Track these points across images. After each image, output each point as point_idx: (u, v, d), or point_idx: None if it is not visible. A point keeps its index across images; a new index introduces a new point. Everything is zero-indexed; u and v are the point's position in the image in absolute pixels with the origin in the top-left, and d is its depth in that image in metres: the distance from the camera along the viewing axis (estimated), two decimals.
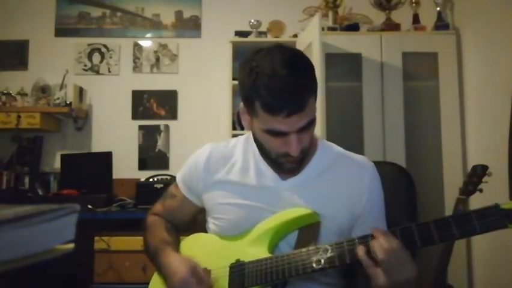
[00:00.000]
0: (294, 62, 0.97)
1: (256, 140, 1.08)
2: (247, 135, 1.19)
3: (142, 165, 3.12)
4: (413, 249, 0.87)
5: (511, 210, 0.79)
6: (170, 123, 3.16)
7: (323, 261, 0.92)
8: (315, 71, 1.00)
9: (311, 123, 0.99)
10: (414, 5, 2.86)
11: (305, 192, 1.08)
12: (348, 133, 2.67)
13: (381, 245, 0.85)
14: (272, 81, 0.93)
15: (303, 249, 0.95)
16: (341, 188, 1.09)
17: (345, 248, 0.91)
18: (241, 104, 1.05)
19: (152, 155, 3.13)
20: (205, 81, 3.19)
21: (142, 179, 2.73)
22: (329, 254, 0.92)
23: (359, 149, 2.50)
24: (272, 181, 1.10)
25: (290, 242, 1.04)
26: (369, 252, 0.87)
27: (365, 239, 0.89)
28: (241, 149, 1.16)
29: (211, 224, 1.17)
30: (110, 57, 3.19)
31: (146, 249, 1.19)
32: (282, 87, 0.93)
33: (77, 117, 3.02)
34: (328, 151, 1.16)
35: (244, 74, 0.99)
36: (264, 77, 0.94)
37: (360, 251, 0.87)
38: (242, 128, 2.86)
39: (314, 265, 0.92)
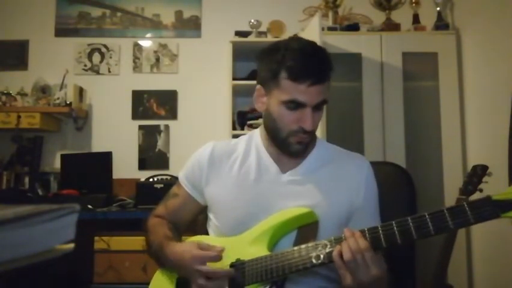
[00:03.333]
0: (318, 45, 1.09)
1: (268, 120, 1.11)
2: (250, 133, 1.23)
3: (142, 165, 3.12)
4: (403, 244, 0.90)
5: (503, 201, 0.82)
6: (170, 123, 3.16)
7: (322, 256, 0.94)
8: None
9: (324, 102, 1.06)
10: (414, 5, 2.87)
11: (305, 184, 1.10)
12: (348, 133, 2.67)
13: (348, 246, 0.89)
14: (301, 54, 1.03)
15: (303, 246, 0.97)
16: (340, 181, 1.12)
17: None
18: (257, 87, 1.12)
19: (152, 155, 3.13)
20: (205, 81, 3.19)
21: (142, 179, 2.73)
22: (328, 249, 0.94)
23: (359, 149, 2.49)
24: (273, 174, 1.13)
25: (289, 241, 1.05)
26: (340, 253, 0.91)
27: (340, 240, 0.93)
28: (244, 145, 1.19)
29: (213, 220, 1.18)
30: (110, 57, 3.19)
31: (149, 248, 1.19)
32: (309, 59, 1.03)
33: (77, 117, 3.02)
34: (326, 147, 1.20)
35: (269, 53, 1.07)
36: (293, 50, 1.04)
37: (335, 251, 0.91)
38: (242, 128, 2.87)
39: (314, 260, 0.94)
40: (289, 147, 1.09)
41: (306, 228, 1.04)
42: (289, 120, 1.05)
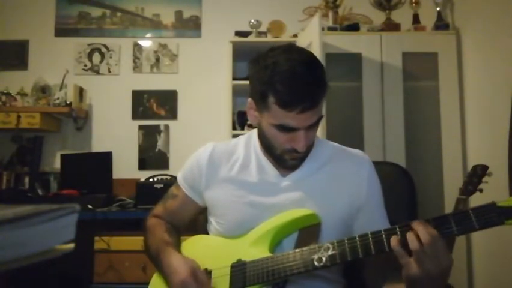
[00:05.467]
0: (310, 61, 1.00)
1: (261, 136, 1.09)
2: (249, 133, 1.21)
3: (142, 165, 3.12)
4: None
5: (507, 208, 0.82)
6: (170, 123, 3.16)
7: (324, 259, 0.93)
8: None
9: (319, 120, 1.02)
10: (414, 5, 2.87)
11: (306, 186, 1.09)
12: (348, 133, 2.67)
13: (415, 234, 0.85)
14: (290, 77, 0.95)
15: (305, 248, 0.96)
16: (340, 181, 1.11)
17: (346, 246, 0.92)
18: (249, 99, 1.07)
19: (152, 155, 3.13)
20: (205, 81, 3.19)
21: (142, 179, 2.73)
22: (330, 252, 0.93)
23: (359, 149, 2.49)
24: (273, 177, 1.11)
25: (291, 243, 1.04)
26: (402, 242, 0.87)
27: (393, 230, 0.90)
28: (243, 147, 1.18)
29: (213, 223, 1.17)
30: (110, 57, 3.19)
31: (147, 250, 1.19)
32: (299, 83, 0.95)
33: (77, 117, 3.02)
34: (325, 146, 1.18)
35: (258, 69, 1.00)
36: (282, 73, 0.96)
37: (394, 240, 0.87)
38: (242, 128, 2.86)
39: (316, 263, 0.93)
40: (285, 163, 1.08)
41: (308, 230, 1.04)
42: (282, 141, 1.02)
